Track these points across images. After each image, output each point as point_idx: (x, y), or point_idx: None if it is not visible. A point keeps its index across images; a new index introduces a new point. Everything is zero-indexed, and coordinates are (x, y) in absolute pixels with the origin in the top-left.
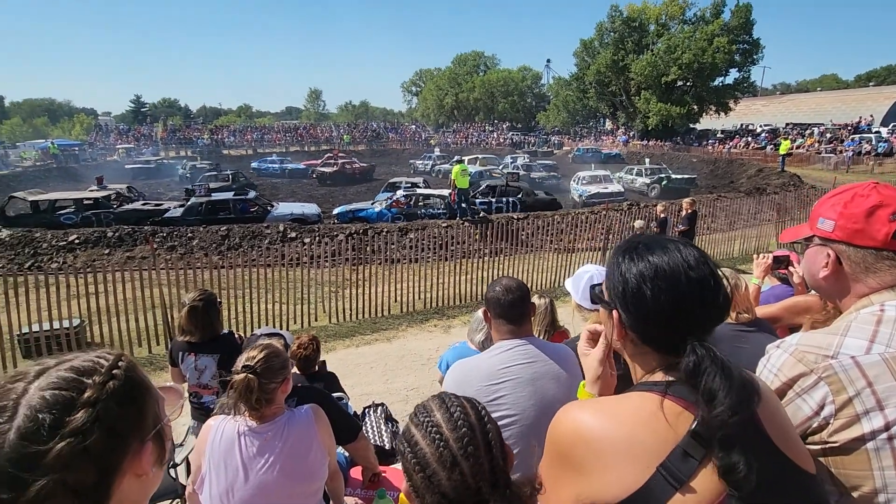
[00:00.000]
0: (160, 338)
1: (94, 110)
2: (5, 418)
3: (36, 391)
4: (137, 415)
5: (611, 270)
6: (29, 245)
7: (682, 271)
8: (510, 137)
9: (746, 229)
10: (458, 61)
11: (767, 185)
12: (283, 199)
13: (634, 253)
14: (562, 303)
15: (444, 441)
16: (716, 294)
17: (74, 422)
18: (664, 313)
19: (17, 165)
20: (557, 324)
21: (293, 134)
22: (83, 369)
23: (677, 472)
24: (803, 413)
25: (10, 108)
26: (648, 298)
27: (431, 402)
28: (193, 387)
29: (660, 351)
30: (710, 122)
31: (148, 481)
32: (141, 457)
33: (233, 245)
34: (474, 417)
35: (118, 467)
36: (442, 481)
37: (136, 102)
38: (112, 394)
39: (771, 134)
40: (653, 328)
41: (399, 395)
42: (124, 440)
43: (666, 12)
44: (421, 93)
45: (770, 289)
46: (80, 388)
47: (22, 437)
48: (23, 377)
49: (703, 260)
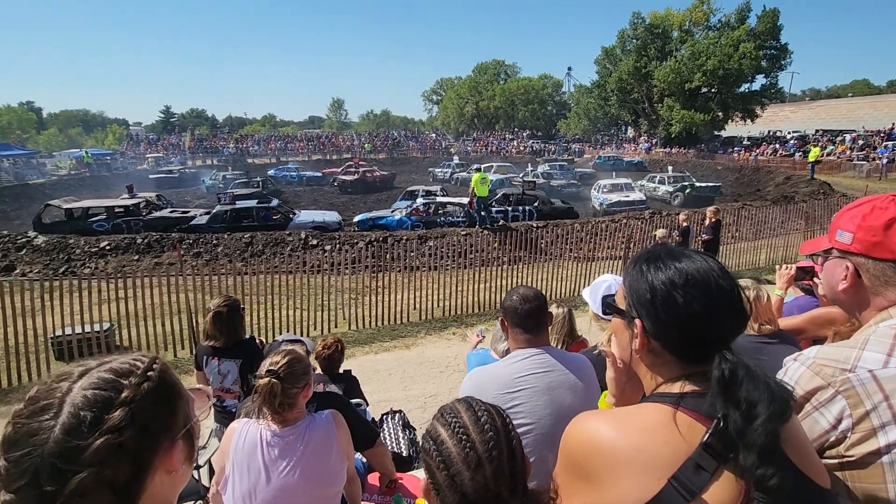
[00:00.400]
0: (185, 342)
1: (125, 121)
2: (51, 415)
3: (79, 390)
4: (169, 414)
5: (633, 279)
6: (63, 251)
7: (712, 279)
8: (530, 145)
9: (773, 238)
10: (479, 70)
11: (796, 194)
12: (305, 206)
13: (658, 261)
14: (581, 312)
15: (471, 443)
16: (741, 303)
17: (112, 420)
18: (696, 319)
19: (53, 174)
20: (576, 333)
21: (315, 143)
22: (121, 371)
23: (689, 485)
24: (820, 427)
25: (48, 119)
26: (681, 305)
27: (458, 404)
28: (216, 390)
29: (683, 360)
30: (736, 128)
31: (178, 478)
32: (172, 454)
33: (256, 252)
34: (500, 424)
35: (151, 464)
36: (465, 481)
37: (165, 113)
38: (146, 394)
39: (800, 141)
40: (681, 335)
41: (417, 402)
42: (156, 438)
43: (690, 18)
44: (441, 101)
45: (793, 300)
46: (117, 389)
47: (66, 432)
48: (67, 377)
49: (724, 269)
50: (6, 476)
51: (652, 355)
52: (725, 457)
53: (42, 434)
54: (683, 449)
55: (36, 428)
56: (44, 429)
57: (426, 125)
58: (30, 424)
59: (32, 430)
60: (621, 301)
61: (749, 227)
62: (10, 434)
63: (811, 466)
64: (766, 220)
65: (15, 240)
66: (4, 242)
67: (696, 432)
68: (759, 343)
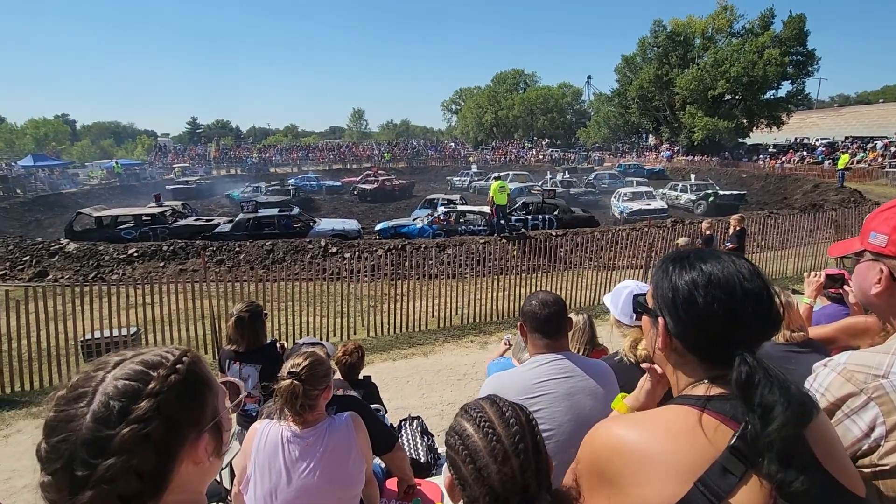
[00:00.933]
0: (208, 347)
1: (154, 132)
2: (85, 402)
3: (111, 380)
4: (196, 407)
5: (659, 278)
6: (93, 258)
7: (737, 281)
8: (550, 154)
9: (801, 248)
10: (498, 79)
11: (825, 202)
12: (325, 215)
13: (686, 261)
14: (601, 321)
15: (497, 436)
16: (769, 307)
17: (138, 410)
18: (717, 321)
19: (85, 184)
20: (597, 341)
21: (336, 152)
22: (151, 363)
23: (716, 488)
24: (853, 435)
25: (81, 131)
26: (700, 305)
27: (482, 401)
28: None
29: (705, 360)
30: (762, 136)
31: (205, 469)
32: (198, 446)
33: (277, 259)
34: (525, 419)
35: (177, 454)
36: (492, 474)
37: (192, 124)
38: (173, 386)
39: (828, 148)
40: (702, 336)
41: (435, 409)
42: (182, 430)
43: (713, 25)
44: (460, 111)
45: (821, 308)
46: (145, 380)
47: (96, 421)
48: (104, 366)
49: (757, 273)
50: (46, 459)
51: (676, 355)
52: (753, 461)
53: (76, 421)
54: (710, 452)
55: (72, 415)
56: (78, 416)
57: (445, 134)
58: (67, 411)
59: (69, 416)
60: (650, 300)
61: (776, 235)
62: (52, 419)
63: (846, 474)
64: (794, 229)
65: (48, 246)
66: (38, 249)
67: (724, 435)
68: (788, 352)
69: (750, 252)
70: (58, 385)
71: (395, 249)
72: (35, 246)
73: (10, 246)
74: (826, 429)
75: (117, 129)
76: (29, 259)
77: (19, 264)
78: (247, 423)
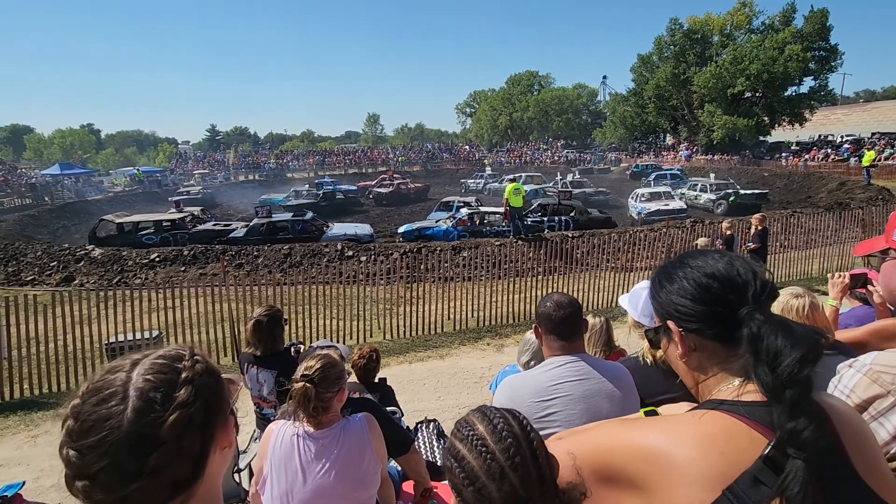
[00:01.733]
0: (228, 349)
1: (175, 139)
2: (119, 399)
3: (138, 377)
4: (221, 391)
5: (653, 292)
6: (117, 263)
7: (712, 258)
8: (565, 155)
9: (826, 248)
10: (512, 81)
11: (851, 200)
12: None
13: (668, 267)
14: (619, 323)
15: (491, 453)
16: (754, 270)
17: (180, 396)
18: (710, 289)
19: (110, 191)
20: (614, 343)
21: (352, 157)
22: (172, 356)
23: (746, 499)
24: (880, 437)
25: (106, 140)
26: (692, 284)
27: (472, 416)
28: (255, 398)
29: (724, 343)
30: (784, 133)
31: (227, 455)
32: (227, 429)
33: (294, 263)
34: (517, 428)
35: (213, 436)
36: (492, 493)
37: (211, 131)
38: (201, 374)
39: (854, 145)
40: (707, 311)
41: (451, 412)
42: (215, 413)
43: (731, 22)
44: (475, 114)
45: (850, 310)
46: (177, 371)
47: (139, 413)
48: (120, 368)
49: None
50: (81, 463)
51: (697, 353)
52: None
53: (115, 418)
54: (741, 461)
55: (106, 414)
56: (114, 413)
57: (460, 137)
58: (99, 412)
59: (103, 416)
60: (656, 320)
61: (800, 235)
62: (78, 426)
63: (883, 484)
64: (819, 228)
65: (74, 252)
66: (65, 255)
67: (756, 444)
68: None
69: (773, 252)
70: (69, 394)
71: (411, 252)
72: (62, 252)
73: (38, 252)
74: (865, 438)
75: (140, 137)
76: (56, 264)
77: (47, 270)
78: (265, 426)
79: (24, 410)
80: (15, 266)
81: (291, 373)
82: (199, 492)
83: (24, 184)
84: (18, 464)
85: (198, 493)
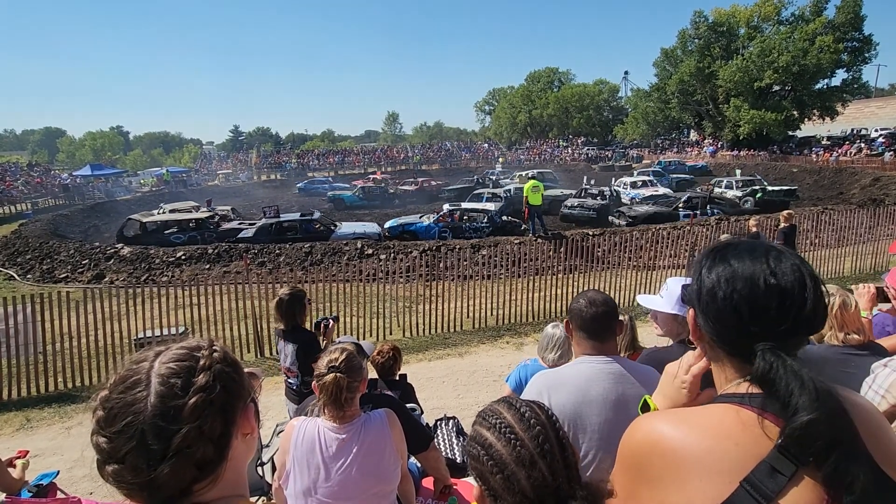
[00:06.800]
0: (251, 345)
1: (199, 140)
2: (142, 387)
3: (160, 365)
4: (240, 378)
5: (694, 270)
6: (145, 261)
7: (761, 276)
8: (585, 152)
9: (860, 245)
10: (532, 78)
11: (886, 196)
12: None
13: (717, 255)
14: (642, 322)
15: (520, 441)
16: (801, 305)
17: (199, 381)
18: (735, 316)
19: (138, 191)
20: (637, 343)
21: (371, 156)
22: (191, 346)
23: (763, 489)
24: None
25: (134, 141)
26: (720, 300)
27: (498, 405)
28: (283, 368)
29: (733, 356)
30: (814, 128)
31: (251, 442)
32: (248, 415)
33: (315, 261)
34: (545, 417)
35: (234, 421)
36: (521, 481)
37: (234, 132)
38: (219, 361)
39: (889, 138)
40: (724, 331)
41: (470, 410)
42: (235, 398)
43: (759, 14)
44: (494, 111)
45: (873, 316)
46: (195, 358)
47: (161, 397)
48: (144, 359)
49: (798, 266)
50: (111, 448)
51: (710, 349)
52: (804, 460)
53: (139, 403)
54: (757, 451)
55: (131, 400)
56: (139, 399)
57: (479, 135)
58: (125, 399)
59: (128, 402)
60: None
61: (831, 233)
62: (106, 414)
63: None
64: (852, 226)
65: (105, 251)
66: (96, 253)
67: (771, 434)
68: (845, 354)
69: (802, 251)
70: (97, 386)
71: (430, 251)
72: (93, 250)
73: (71, 250)
74: (881, 430)
75: (166, 138)
76: (87, 262)
77: (79, 267)
78: (293, 394)
79: (59, 403)
80: (49, 264)
81: (309, 348)
82: (224, 475)
83: (57, 185)
84: (53, 454)
85: (224, 477)
